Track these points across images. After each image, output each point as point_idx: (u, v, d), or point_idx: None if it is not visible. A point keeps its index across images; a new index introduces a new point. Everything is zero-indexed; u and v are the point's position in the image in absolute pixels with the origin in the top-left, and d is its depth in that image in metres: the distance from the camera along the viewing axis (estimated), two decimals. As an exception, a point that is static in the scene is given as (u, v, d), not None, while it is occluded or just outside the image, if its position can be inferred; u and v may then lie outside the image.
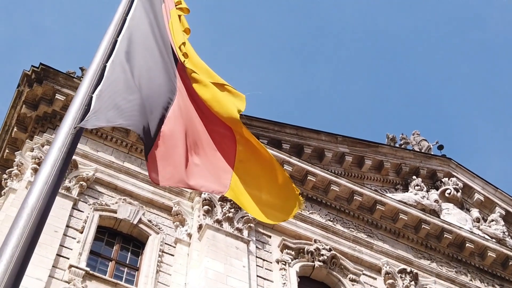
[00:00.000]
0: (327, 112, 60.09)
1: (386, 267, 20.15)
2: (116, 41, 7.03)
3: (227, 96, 7.11)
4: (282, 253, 18.80)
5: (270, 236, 19.34)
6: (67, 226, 16.62)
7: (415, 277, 20.23)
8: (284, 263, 18.43)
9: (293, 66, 61.47)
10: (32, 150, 18.18)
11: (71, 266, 15.52)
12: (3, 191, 18.36)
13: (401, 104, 61.99)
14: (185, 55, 7.35)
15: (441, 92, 61.74)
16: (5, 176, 18.61)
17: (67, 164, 5.86)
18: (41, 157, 17.79)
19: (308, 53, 61.34)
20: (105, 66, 6.73)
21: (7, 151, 20.05)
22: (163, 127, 6.84)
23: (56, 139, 5.92)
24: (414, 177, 24.97)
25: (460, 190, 25.49)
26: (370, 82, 62.34)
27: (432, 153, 27.25)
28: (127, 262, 17.30)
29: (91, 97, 6.48)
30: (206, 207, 18.44)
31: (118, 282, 16.03)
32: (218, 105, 6.79)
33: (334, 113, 60.22)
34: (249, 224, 18.82)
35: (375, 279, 20.00)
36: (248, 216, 18.97)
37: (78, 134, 6.12)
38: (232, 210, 18.78)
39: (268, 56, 62.04)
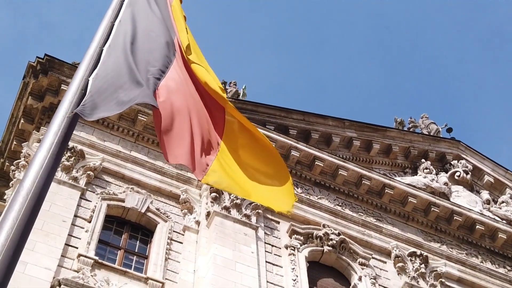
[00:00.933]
0: (334, 97, 59.93)
1: (395, 250, 20.09)
2: (113, 25, 7.00)
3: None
4: (291, 238, 18.78)
5: (278, 222, 19.32)
6: (75, 215, 16.66)
7: (425, 260, 20.17)
8: (293, 248, 18.41)
9: (299, 51, 61.26)
10: (39, 141, 18.20)
11: (79, 255, 15.57)
12: (11, 182, 18.42)
13: (409, 88, 61.73)
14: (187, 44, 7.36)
15: (450, 74, 61.41)
16: (13, 167, 18.68)
17: (63, 148, 5.85)
18: (48, 147, 17.79)
19: (313, 37, 61.12)
20: (102, 50, 6.71)
21: (14, 142, 20.10)
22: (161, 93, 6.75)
23: (52, 123, 5.91)
24: (423, 160, 24.86)
25: (470, 173, 25.37)
26: (377, 66, 62.06)
27: (441, 136, 27.12)
28: (136, 251, 17.33)
29: (88, 81, 6.47)
30: (213, 194, 18.44)
31: (127, 270, 16.06)
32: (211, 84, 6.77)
33: (341, 98, 60.05)
34: (257, 211, 18.81)
35: (385, 262, 19.96)
36: (256, 202, 18.96)
37: (74, 118, 6.09)
38: (240, 197, 18.76)
39: (273, 42, 61.86)
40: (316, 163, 21.34)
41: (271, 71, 61.64)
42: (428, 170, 24.51)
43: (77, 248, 15.83)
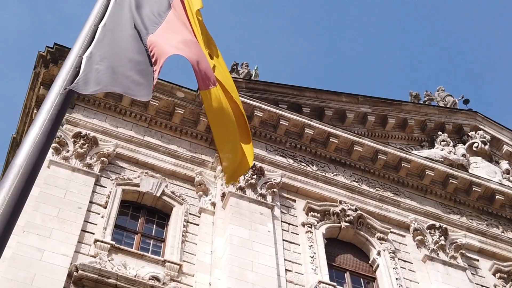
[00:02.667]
0: (347, 74, 59.58)
1: (414, 224, 19.95)
2: (109, 3, 6.96)
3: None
4: (308, 216, 18.71)
5: (294, 200, 19.25)
6: (91, 202, 16.73)
7: (444, 232, 20.00)
8: (310, 225, 18.35)
9: (310, 28, 60.86)
10: (51, 130, 18.24)
11: (96, 240, 15.65)
12: (26, 172, 18.52)
13: (424, 61, 61.14)
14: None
15: (465, 45, 60.67)
16: (27, 157, 18.74)
17: (56, 125, 5.80)
18: (60, 136, 17.91)
19: (323, 13, 60.65)
20: (97, 28, 6.67)
21: (29, 133, 20.19)
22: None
23: (45, 101, 5.88)
24: (439, 133, 24.61)
25: (488, 143, 25.08)
26: (390, 40, 61.49)
27: (457, 107, 26.83)
28: (152, 234, 17.39)
29: (81, 59, 6.43)
30: (228, 175, 18.37)
31: (144, 253, 16.12)
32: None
33: (354, 74, 59.67)
34: (272, 190, 18.76)
35: (404, 236, 19.83)
36: (271, 181, 18.92)
37: (68, 95, 6.04)
38: (255, 176, 18.73)
39: (282, 20, 61.52)
40: (330, 140, 21.20)
41: (282, 51, 61.40)
42: (445, 142, 24.26)
43: (93, 233, 15.92)
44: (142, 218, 17.68)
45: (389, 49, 61.76)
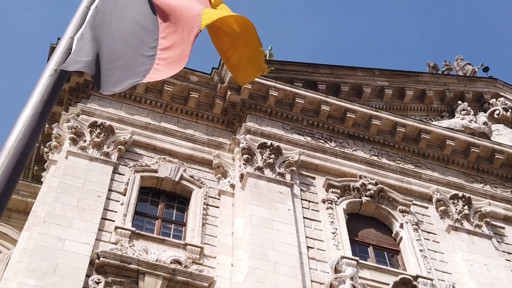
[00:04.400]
0: (363, 49, 59.03)
1: (437, 194, 19.74)
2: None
3: None
4: (328, 192, 18.60)
5: (314, 178, 19.15)
6: (110, 190, 16.82)
7: (468, 201, 19.78)
8: (330, 202, 18.25)
9: (322, 2, 60.35)
10: (68, 121, 18.39)
11: (116, 227, 15.74)
12: (45, 164, 18.70)
13: (442, 32, 60.31)
14: None
15: (483, 11, 59.69)
16: (46, 149, 18.94)
17: (48, 107, 5.77)
18: (77, 126, 18.00)
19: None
20: (88, 10, 6.64)
21: (47, 126, 20.32)
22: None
23: (37, 83, 5.88)
24: (459, 102, 24.29)
25: (510, 110, 24.71)
26: (405, 11, 60.76)
27: (477, 75, 26.44)
28: (173, 219, 17.44)
29: (73, 40, 6.42)
30: (245, 156, 18.38)
31: (165, 238, 16.18)
32: None
33: (370, 48, 59.10)
34: (291, 168, 18.68)
35: (427, 208, 19.65)
36: (289, 160, 18.84)
37: (60, 77, 6.03)
38: (272, 156, 18.66)
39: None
40: (347, 115, 21.03)
41: (296, 29, 61.03)
42: (465, 111, 23.95)
43: (113, 221, 16.01)
44: (162, 204, 17.74)
45: (405, 21, 61.06)
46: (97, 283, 14.15)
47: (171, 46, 6.42)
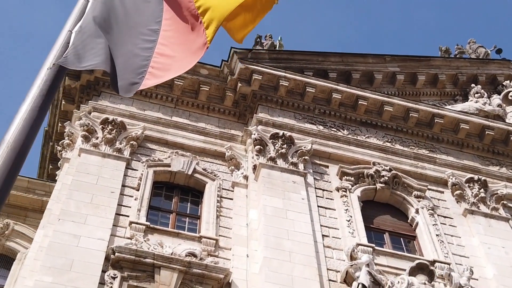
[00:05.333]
0: (373, 35, 58.65)
1: (452, 178, 19.59)
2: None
3: None
4: (341, 180, 18.52)
5: (327, 166, 19.08)
6: (123, 185, 16.87)
7: (484, 184, 19.61)
8: (344, 190, 18.18)
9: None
10: (80, 119, 18.46)
11: (131, 222, 15.79)
12: (59, 162, 18.80)
13: (454, 15, 59.76)
14: None
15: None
16: (59, 147, 19.04)
17: (47, 101, 5.77)
18: (88, 123, 18.07)
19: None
20: (88, 2, 6.64)
21: (60, 125, 20.47)
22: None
23: (36, 77, 5.89)
24: (472, 85, 24.07)
25: (524, 91, 24.45)
26: None
27: (490, 58, 26.18)
28: (187, 212, 17.47)
29: (71, 33, 6.42)
30: (258, 147, 18.35)
31: (180, 231, 16.21)
32: None
33: (381, 34, 58.70)
34: (304, 157, 18.62)
35: (442, 192, 19.50)
36: (302, 149, 18.79)
37: (59, 71, 6.03)
38: (285, 146, 18.62)
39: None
40: (359, 102, 20.91)
41: (305, 19, 60.77)
42: (479, 94, 23.73)
43: (128, 216, 16.06)
44: (176, 198, 17.78)
45: (415, 5, 60.58)
46: (113, 278, 14.22)
47: (172, 56, 6.45)
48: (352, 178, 18.62)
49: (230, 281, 14.94)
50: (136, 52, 6.53)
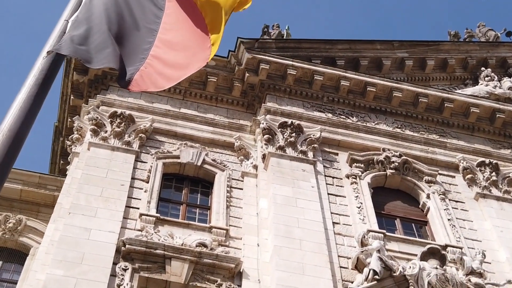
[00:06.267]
0: (381, 22, 58.28)
1: (463, 162, 19.47)
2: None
3: None
4: (351, 167, 18.46)
5: (337, 154, 19.02)
6: (133, 178, 16.91)
7: (495, 168, 19.47)
8: (354, 177, 18.11)
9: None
10: (88, 113, 18.51)
11: (141, 214, 15.83)
12: (69, 157, 18.88)
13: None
14: None
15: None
16: (68, 142, 19.12)
17: (44, 90, 5.78)
18: (97, 117, 18.12)
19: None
20: (84, -7, 6.64)
21: (69, 120, 20.54)
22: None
23: (32, 67, 5.91)
24: (482, 68, 23.86)
25: (535, 73, 24.22)
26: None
27: (499, 41, 25.94)
28: (198, 203, 17.49)
29: (67, 23, 6.43)
30: (266, 136, 18.33)
31: (190, 222, 16.23)
32: None
33: (388, 20, 58.33)
34: (313, 145, 18.57)
35: (453, 177, 19.39)
36: (311, 137, 18.74)
37: (56, 60, 6.03)
38: (294, 134, 18.58)
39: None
40: (368, 89, 20.81)
41: (311, 7, 60.49)
42: (489, 77, 23.52)
43: (138, 208, 16.10)
44: (186, 189, 17.80)
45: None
46: (125, 270, 14.27)
47: (172, 64, 6.51)
48: (362, 165, 18.55)
49: (241, 270, 14.94)
50: (137, 45, 6.57)
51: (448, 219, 17.53)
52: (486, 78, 23.44)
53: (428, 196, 18.21)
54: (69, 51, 6.08)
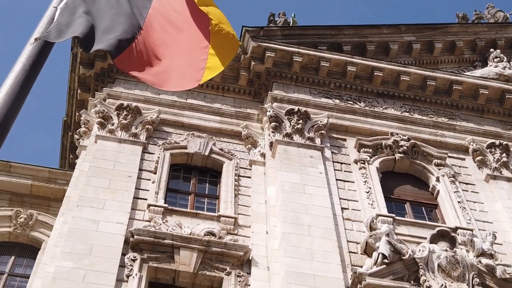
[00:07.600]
0: (386, 5, 57.85)
1: (473, 145, 19.31)
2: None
3: None
4: (359, 152, 18.37)
5: (345, 139, 18.92)
6: (140, 169, 16.93)
7: (506, 149, 19.30)
8: (362, 162, 18.02)
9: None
10: (95, 106, 18.54)
11: (149, 205, 15.85)
12: (77, 151, 18.94)
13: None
14: None
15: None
16: (76, 136, 19.18)
17: (31, 75, 5.81)
18: (104, 110, 18.14)
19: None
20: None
21: (77, 114, 20.59)
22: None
23: (20, 54, 5.94)
24: (491, 50, 23.63)
25: (545, 53, 23.94)
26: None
27: (508, 21, 25.66)
28: (206, 193, 17.49)
29: (56, 9, 6.47)
30: (273, 124, 18.29)
31: (198, 211, 16.22)
32: None
33: (394, 4, 57.89)
34: (320, 132, 18.49)
35: (463, 159, 19.24)
36: (318, 123, 18.66)
37: (44, 46, 6.05)
38: (301, 121, 18.51)
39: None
40: (375, 73, 20.68)
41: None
42: (498, 58, 23.29)
43: (146, 199, 16.12)
44: (194, 179, 17.80)
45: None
46: (133, 260, 14.30)
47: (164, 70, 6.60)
48: (370, 150, 18.45)
49: (250, 258, 14.92)
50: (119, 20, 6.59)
51: (458, 202, 17.40)
52: (495, 60, 23.22)
53: (437, 179, 18.08)
54: (56, 38, 6.09)
